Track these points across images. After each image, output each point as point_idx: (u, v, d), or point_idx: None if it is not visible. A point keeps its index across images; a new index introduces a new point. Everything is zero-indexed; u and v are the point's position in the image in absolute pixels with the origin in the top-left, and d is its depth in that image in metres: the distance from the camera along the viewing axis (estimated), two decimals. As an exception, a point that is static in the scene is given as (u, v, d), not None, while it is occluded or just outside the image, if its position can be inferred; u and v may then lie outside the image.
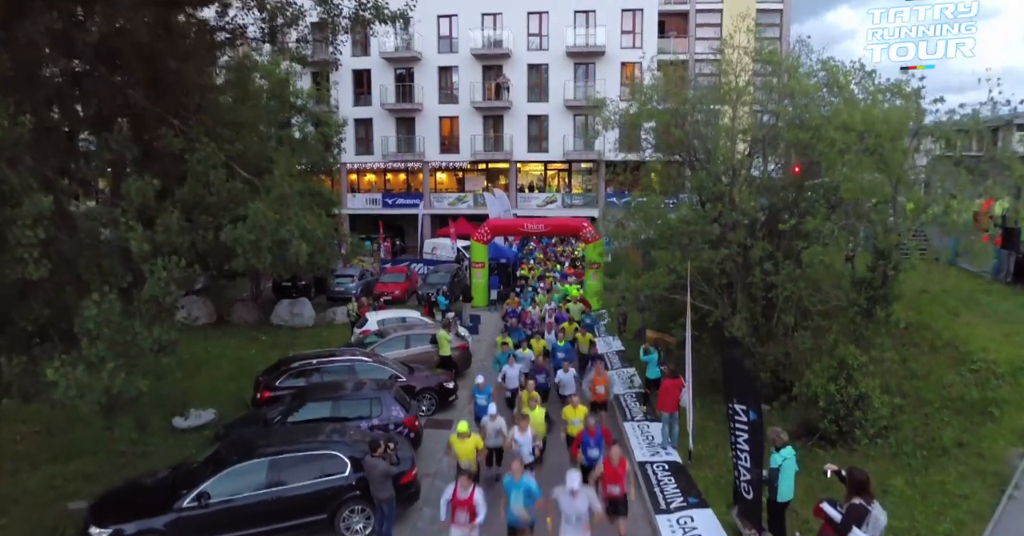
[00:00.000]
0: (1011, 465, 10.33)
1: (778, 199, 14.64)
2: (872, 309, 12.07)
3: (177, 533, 9.36)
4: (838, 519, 7.51)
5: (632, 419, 15.83)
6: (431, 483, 12.47)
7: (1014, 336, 13.98)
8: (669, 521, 10.90)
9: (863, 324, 12.30)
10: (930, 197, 12.79)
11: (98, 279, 8.02)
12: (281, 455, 10.20)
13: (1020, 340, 13.66)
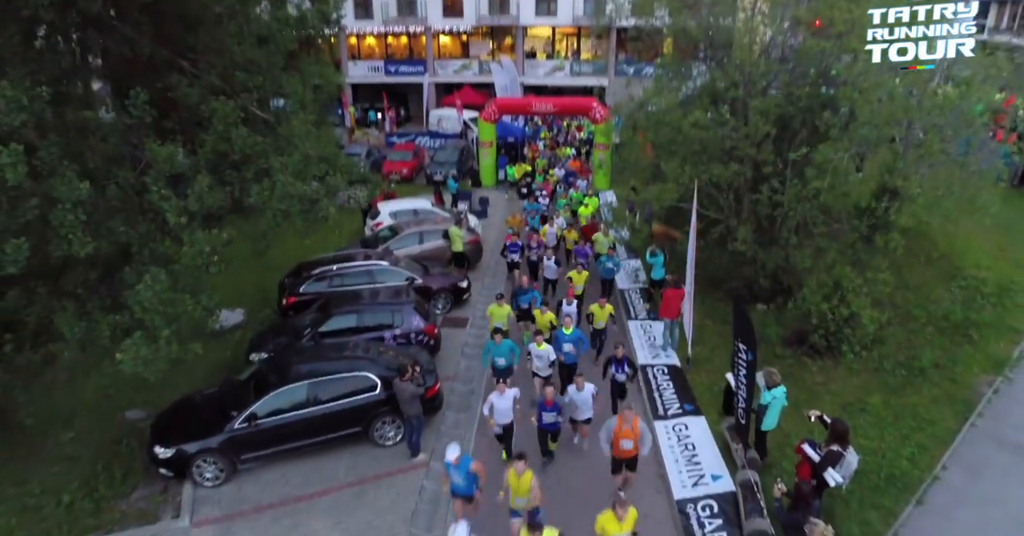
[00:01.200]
0: (978, 393, 11.30)
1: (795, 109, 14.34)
2: (872, 236, 12.44)
3: (230, 450, 10.57)
4: (816, 460, 8.53)
5: (636, 318, 16.78)
6: (451, 386, 13.65)
7: (1009, 250, 14.44)
8: (666, 427, 12.10)
9: (862, 248, 12.73)
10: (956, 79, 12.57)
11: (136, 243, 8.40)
12: (318, 378, 11.17)
13: (1014, 255, 14.17)
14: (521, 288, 14.72)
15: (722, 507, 9.93)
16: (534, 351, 11.92)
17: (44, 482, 10.31)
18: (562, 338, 12.15)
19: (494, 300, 13.67)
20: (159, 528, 9.72)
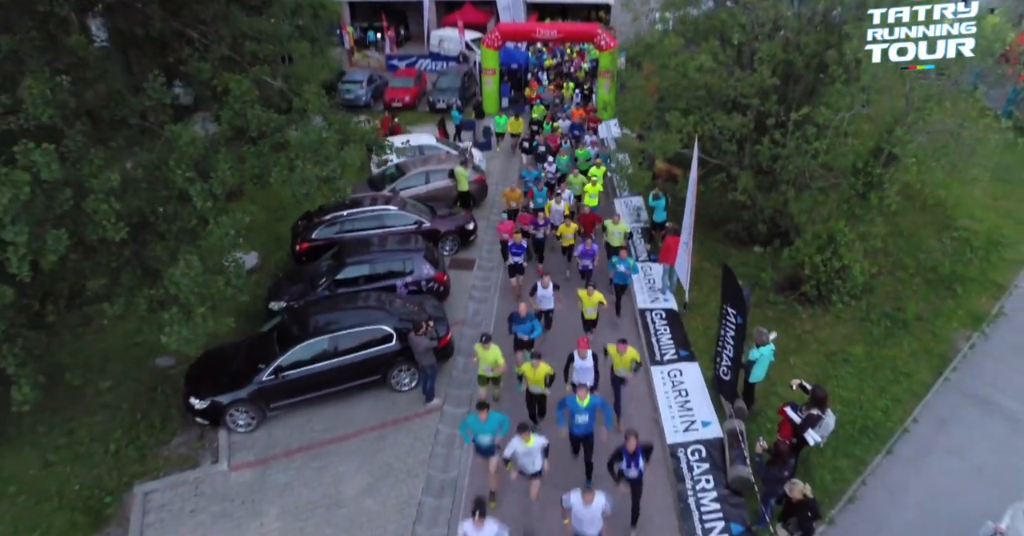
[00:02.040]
0: (955, 348, 11.97)
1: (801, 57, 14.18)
2: (867, 193, 12.70)
3: (259, 399, 11.39)
4: (798, 421, 9.29)
5: (637, 259, 17.27)
6: (460, 331, 14.37)
7: (1004, 200, 14.70)
8: (661, 372, 12.89)
9: (856, 204, 13.03)
10: None
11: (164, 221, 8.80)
12: (338, 332, 11.85)
13: (1008, 205, 14.44)
14: (518, 315, 11.69)
15: (709, 452, 10.81)
16: (518, 450, 8.92)
17: (91, 431, 11.17)
18: (575, 409, 9.55)
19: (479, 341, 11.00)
20: (201, 473, 10.67)
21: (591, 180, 18.43)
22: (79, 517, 9.66)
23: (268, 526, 9.83)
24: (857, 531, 9.16)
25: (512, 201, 17.75)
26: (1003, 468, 9.69)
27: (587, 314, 12.86)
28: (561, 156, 21.25)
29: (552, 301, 13.05)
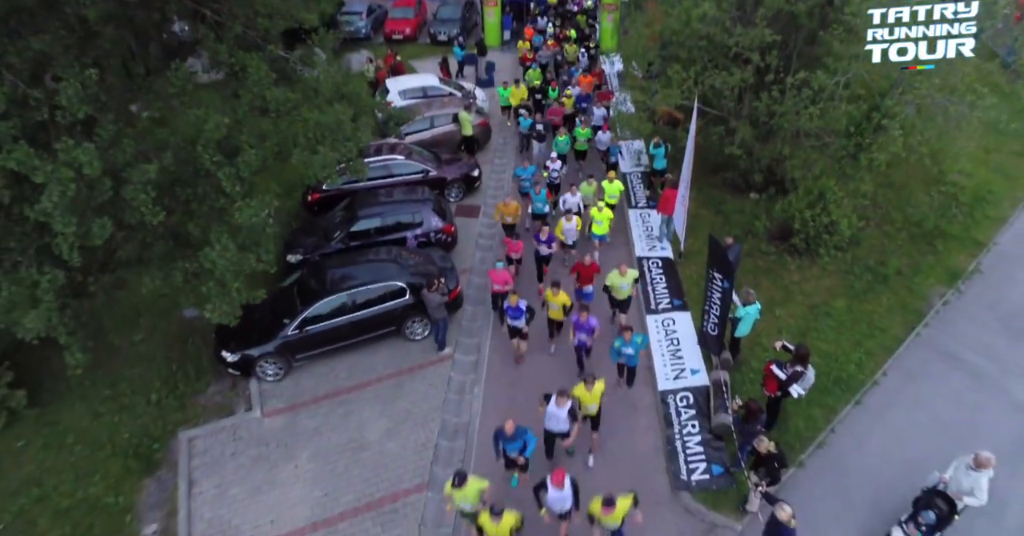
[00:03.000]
0: (930, 304, 12.67)
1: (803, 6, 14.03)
2: (858, 154, 13.00)
3: (286, 351, 12.26)
4: (783, 378, 10.14)
5: (636, 206, 17.74)
6: (468, 279, 15.08)
7: (995, 153, 14.95)
8: (655, 321, 13.71)
9: (848, 163, 13.36)
10: None
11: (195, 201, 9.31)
12: (356, 288, 12.57)
13: (999, 159, 14.68)
14: (503, 433, 9.42)
15: (696, 400, 11.77)
16: None
17: (132, 383, 12.07)
18: None
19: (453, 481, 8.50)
20: (237, 419, 11.68)
21: (598, 204, 14.63)
22: (132, 463, 10.73)
23: (302, 467, 10.91)
24: (823, 474, 10.22)
25: (508, 216, 14.85)
26: (959, 420, 10.66)
27: (588, 410, 10.28)
28: (560, 136, 18.36)
29: (566, 423, 9.70)
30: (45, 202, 7.41)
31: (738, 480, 10.18)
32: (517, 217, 15.06)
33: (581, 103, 21.06)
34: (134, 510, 10.11)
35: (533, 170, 16.26)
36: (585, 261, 12.74)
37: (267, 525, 10.06)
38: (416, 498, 10.43)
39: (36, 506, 9.99)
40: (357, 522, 10.11)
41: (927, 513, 8.48)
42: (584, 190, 15.67)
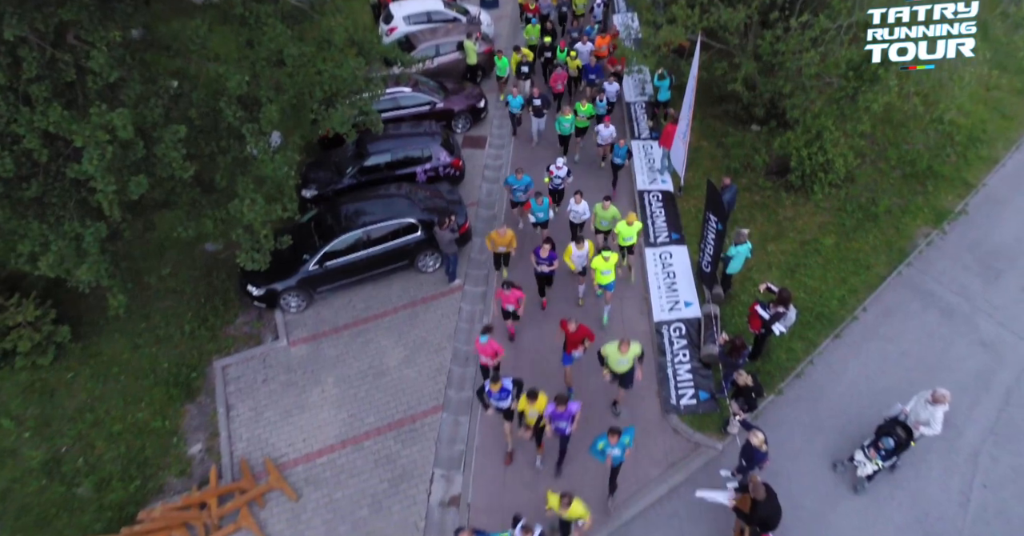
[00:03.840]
0: (914, 244, 13.12)
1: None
2: (856, 96, 13.02)
3: (307, 285, 12.93)
4: (766, 317, 10.83)
5: (639, 137, 17.81)
6: (475, 212, 15.51)
7: (997, 90, 14.85)
8: (654, 254, 14.26)
9: (846, 104, 13.40)
10: None
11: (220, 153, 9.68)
12: (371, 226, 13.08)
13: (998, 97, 14.59)
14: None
15: (688, 331, 12.56)
16: None
17: (164, 316, 12.82)
18: None
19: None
20: (265, 348, 12.52)
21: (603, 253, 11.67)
22: (173, 390, 11.66)
23: (328, 392, 11.86)
24: (799, 401, 11.14)
25: (500, 246, 12.77)
26: (929, 355, 11.45)
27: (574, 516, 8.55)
28: (564, 115, 15.85)
29: None
30: (86, 164, 7.83)
31: (721, 405, 11.11)
32: (512, 246, 12.83)
33: (590, 75, 17.95)
34: (179, 432, 11.15)
35: (528, 181, 13.84)
36: (570, 327, 10.47)
37: (300, 443, 11.12)
38: (433, 418, 11.43)
39: (92, 430, 11.01)
40: (380, 440, 11.16)
41: (887, 439, 9.36)
42: (600, 214, 12.89)
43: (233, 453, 10.97)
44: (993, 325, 11.71)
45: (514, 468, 10.62)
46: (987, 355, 11.34)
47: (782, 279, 12.95)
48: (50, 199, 8.91)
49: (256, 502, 10.30)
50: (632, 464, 10.61)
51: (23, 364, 11.34)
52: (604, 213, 12.90)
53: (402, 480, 10.67)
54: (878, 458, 9.46)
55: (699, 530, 9.79)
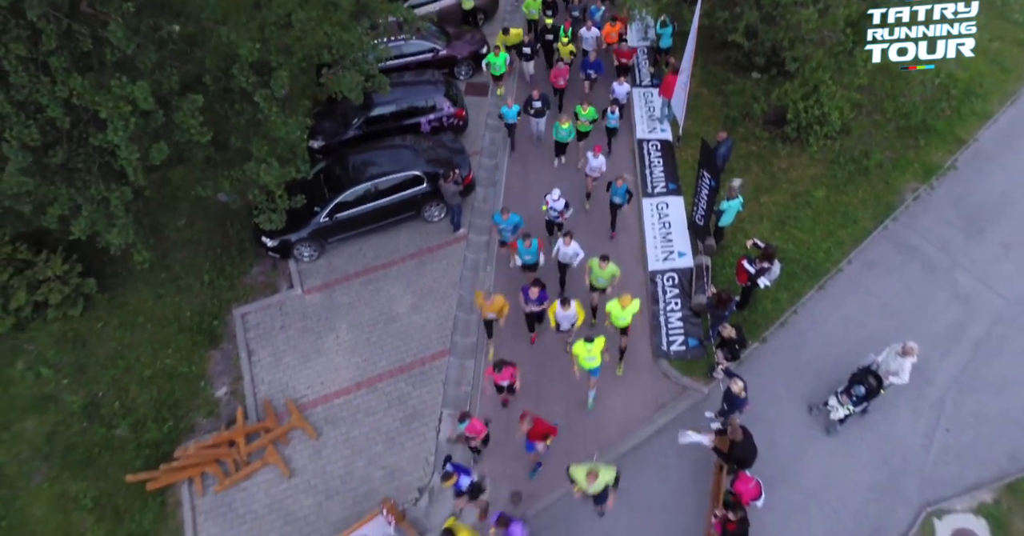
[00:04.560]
0: (902, 198, 13.21)
1: None
2: (853, 50, 12.78)
3: (318, 236, 13.19)
4: (752, 272, 11.16)
5: (640, 84, 17.54)
6: (478, 162, 15.53)
7: (998, 41, 14.49)
8: (650, 204, 14.43)
9: (844, 59, 13.18)
10: None
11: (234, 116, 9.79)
12: (379, 179, 13.22)
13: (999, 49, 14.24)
14: None
15: (680, 280, 12.91)
16: None
17: (183, 266, 13.12)
18: None
19: None
20: (282, 297, 12.93)
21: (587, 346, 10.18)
22: (197, 337, 12.15)
23: (342, 337, 12.37)
24: (781, 348, 11.63)
25: (489, 313, 11.09)
26: (906, 307, 11.83)
27: None
28: (561, 123, 14.00)
29: None
30: (111, 135, 8.05)
31: (708, 351, 11.62)
32: (503, 315, 11.03)
33: (588, 69, 15.59)
34: (206, 376, 11.74)
35: (515, 220, 12.15)
36: (524, 425, 9.48)
37: (318, 385, 11.73)
38: (440, 362, 11.98)
39: (124, 375, 11.59)
40: (392, 382, 11.77)
41: (859, 387, 9.86)
42: (596, 271, 11.22)
43: (256, 395, 11.60)
44: (971, 280, 12.04)
45: (514, 408, 11.21)
46: (962, 308, 11.72)
47: (772, 231, 13.19)
48: (75, 164, 9.11)
49: (280, 440, 11.01)
50: (624, 406, 11.30)
51: (55, 315, 11.79)
52: (601, 272, 11.16)
53: (413, 419, 11.34)
54: (850, 404, 10.01)
55: (684, 466, 10.51)
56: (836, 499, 9.95)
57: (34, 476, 10.47)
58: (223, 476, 10.52)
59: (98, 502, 10.20)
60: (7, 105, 7.97)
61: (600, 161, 13.45)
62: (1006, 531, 9.53)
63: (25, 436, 10.82)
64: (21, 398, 11.19)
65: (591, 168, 13.51)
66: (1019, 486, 9.87)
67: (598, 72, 15.75)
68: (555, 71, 15.81)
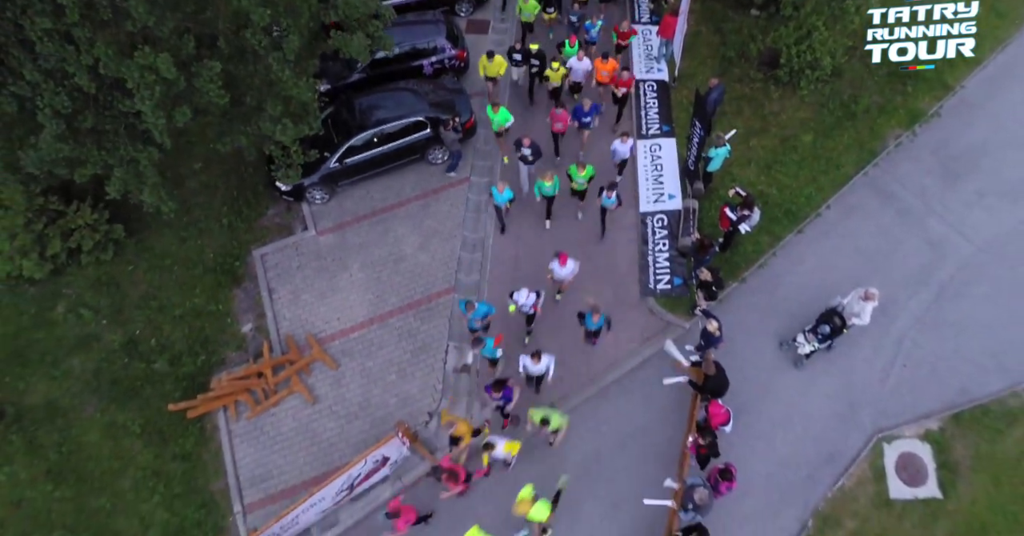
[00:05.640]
0: (884, 145, 13.05)
1: None
2: (844, 1, 12.30)
3: (329, 180, 13.24)
4: (733, 219, 11.34)
5: (639, 20, 16.85)
6: (480, 102, 15.23)
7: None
8: (644, 145, 14.32)
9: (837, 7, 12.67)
10: None
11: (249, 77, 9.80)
12: (386, 124, 13.12)
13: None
14: None
15: (669, 222, 13.06)
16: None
17: (203, 210, 13.23)
18: None
19: None
20: (297, 238, 13.17)
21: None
22: (221, 277, 12.52)
23: (354, 276, 12.75)
24: (759, 289, 12.02)
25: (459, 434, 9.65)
26: (879, 251, 12.05)
27: None
28: (544, 180, 11.79)
29: None
30: (139, 103, 8.26)
31: (692, 290, 12.02)
32: (467, 439, 9.73)
33: (584, 116, 12.70)
34: (232, 314, 12.23)
35: (484, 311, 10.73)
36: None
37: (335, 321, 12.26)
38: (446, 299, 12.44)
39: (158, 315, 12.06)
40: (402, 318, 12.28)
41: (824, 326, 10.35)
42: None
43: (279, 330, 12.15)
44: (942, 226, 12.19)
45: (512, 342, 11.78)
46: (931, 253, 11.96)
47: (759, 175, 13.20)
48: (103, 126, 9.23)
49: (303, 371, 11.67)
50: (612, 339, 11.83)
51: (88, 261, 12.10)
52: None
53: (422, 351, 11.95)
54: (815, 341, 10.52)
55: (664, 394, 11.20)
56: (799, 426, 10.70)
57: (86, 408, 11.21)
58: (254, 404, 11.28)
59: (145, 429, 11.00)
60: (37, 74, 8.05)
61: (569, 270, 11.12)
62: (947, 455, 10.32)
63: (74, 373, 11.48)
64: (66, 338, 11.75)
65: (558, 276, 11.26)
66: (964, 416, 10.57)
67: (592, 115, 12.79)
68: (554, 114, 12.81)
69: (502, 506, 9.59)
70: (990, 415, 10.52)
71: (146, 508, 10.56)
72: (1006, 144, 12.88)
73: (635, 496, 10.01)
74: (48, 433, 11.00)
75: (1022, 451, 10.24)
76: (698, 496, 8.84)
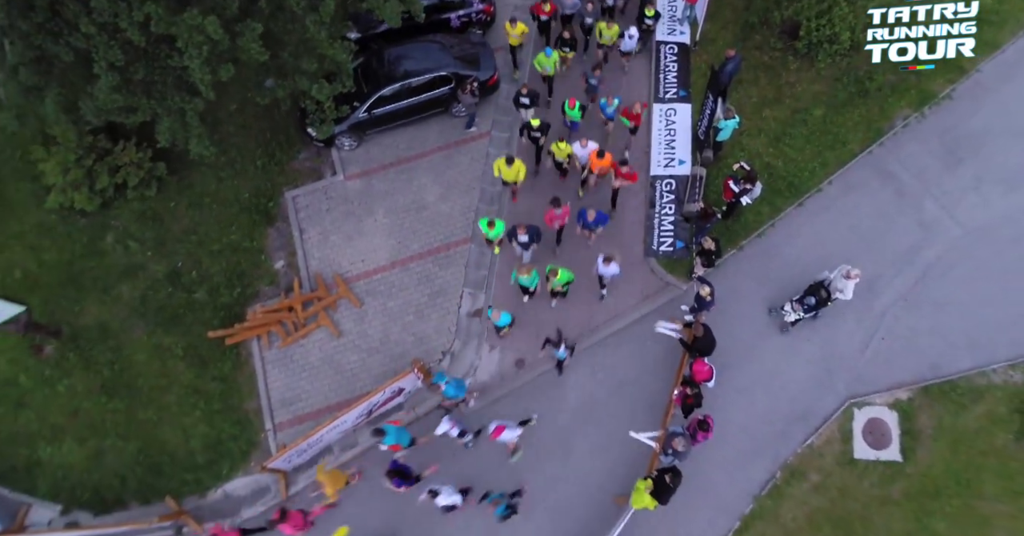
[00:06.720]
0: (892, 125, 12.71)
1: None
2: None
3: (357, 129, 13.21)
4: (736, 191, 11.40)
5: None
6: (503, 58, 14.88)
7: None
8: (660, 109, 14.10)
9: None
10: None
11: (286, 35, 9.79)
12: (412, 78, 12.97)
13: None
14: None
15: (677, 187, 13.10)
16: None
17: (238, 151, 13.26)
18: None
19: None
20: (327, 182, 13.30)
21: None
22: (255, 216, 12.76)
23: (379, 221, 12.98)
24: (755, 256, 12.18)
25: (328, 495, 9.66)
26: (873, 229, 12.06)
27: None
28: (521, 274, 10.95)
29: None
30: (187, 60, 8.43)
31: (691, 254, 12.24)
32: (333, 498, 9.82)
33: (587, 224, 11.40)
34: (265, 251, 12.58)
35: (459, 384, 10.33)
36: None
37: (359, 263, 12.62)
38: (463, 248, 12.72)
39: (197, 249, 12.40)
40: (422, 263, 12.62)
41: (810, 298, 10.60)
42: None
43: (309, 268, 12.54)
44: (936, 208, 12.13)
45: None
46: (921, 234, 11.96)
47: (767, 147, 13.07)
48: (152, 78, 9.35)
49: (330, 307, 12.15)
50: (613, 296, 12.20)
51: (134, 196, 12.33)
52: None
53: (439, 295, 12.37)
54: (800, 311, 10.82)
55: (658, 349, 11.63)
56: (778, 386, 11.19)
57: (134, 330, 11.79)
58: (285, 335, 11.84)
59: (187, 352, 11.62)
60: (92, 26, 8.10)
61: (613, 271, 10.75)
62: (912, 423, 10.82)
63: (123, 298, 11.98)
64: (115, 267, 12.18)
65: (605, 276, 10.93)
66: (933, 389, 10.97)
67: (601, 224, 11.47)
68: (551, 213, 11.15)
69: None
70: (957, 390, 10.90)
71: (188, 421, 11.35)
72: (1010, 131, 12.61)
73: (623, 437, 10.63)
74: (101, 352, 11.64)
75: (981, 426, 10.69)
76: (678, 444, 9.45)
